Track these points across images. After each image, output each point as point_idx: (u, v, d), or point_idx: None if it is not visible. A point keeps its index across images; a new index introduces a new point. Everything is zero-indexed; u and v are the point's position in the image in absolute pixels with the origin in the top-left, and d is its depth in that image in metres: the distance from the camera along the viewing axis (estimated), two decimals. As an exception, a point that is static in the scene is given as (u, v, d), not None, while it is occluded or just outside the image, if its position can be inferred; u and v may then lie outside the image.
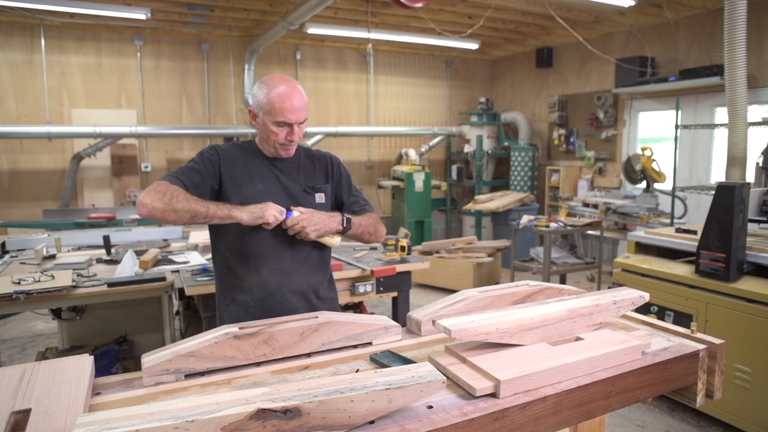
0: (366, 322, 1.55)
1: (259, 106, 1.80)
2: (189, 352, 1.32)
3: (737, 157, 3.57)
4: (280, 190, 1.89)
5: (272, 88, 1.78)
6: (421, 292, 6.07)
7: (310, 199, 1.93)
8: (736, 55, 3.48)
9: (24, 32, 6.18)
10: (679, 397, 1.52)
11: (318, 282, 1.98)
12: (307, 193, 1.94)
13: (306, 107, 1.83)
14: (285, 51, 7.58)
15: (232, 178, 1.85)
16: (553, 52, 8.04)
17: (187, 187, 1.71)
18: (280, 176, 1.92)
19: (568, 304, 1.50)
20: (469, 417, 1.13)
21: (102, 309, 3.61)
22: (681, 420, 3.19)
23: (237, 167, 1.87)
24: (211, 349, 1.34)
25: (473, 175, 8.26)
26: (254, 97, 1.82)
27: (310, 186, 1.95)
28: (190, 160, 1.85)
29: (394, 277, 3.01)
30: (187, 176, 1.76)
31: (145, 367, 1.29)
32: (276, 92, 1.77)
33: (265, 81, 1.81)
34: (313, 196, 1.95)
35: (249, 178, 1.87)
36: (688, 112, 6.31)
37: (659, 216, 5.48)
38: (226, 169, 1.85)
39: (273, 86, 1.78)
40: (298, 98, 1.79)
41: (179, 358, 1.31)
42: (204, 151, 1.87)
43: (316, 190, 1.96)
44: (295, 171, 1.95)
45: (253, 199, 1.80)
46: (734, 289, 2.87)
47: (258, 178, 1.88)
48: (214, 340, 1.34)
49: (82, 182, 6.59)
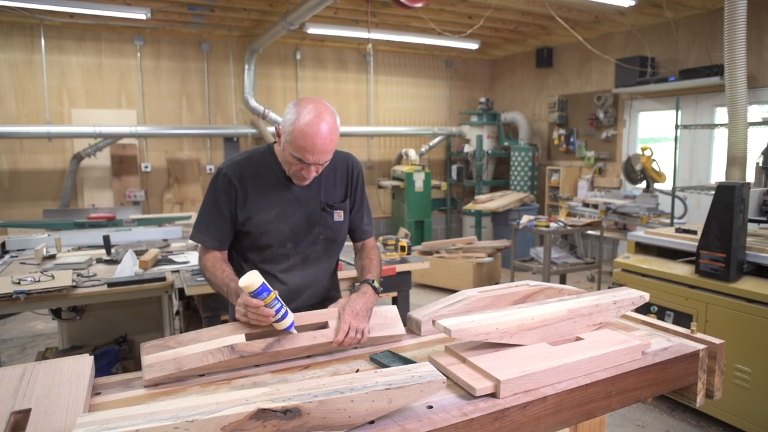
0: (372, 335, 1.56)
1: (283, 131, 1.62)
2: (191, 368, 1.33)
3: (737, 157, 3.57)
4: (296, 212, 1.77)
5: (300, 117, 1.57)
6: (421, 292, 6.07)
7: (328, 218, 1.82)
8: (736, 55, 3.47)
9: (24, 32, 6.18)
10: (679, 397, 1.52)
11: (328, 295, 1.94)
12: (326, 212, 1.81)
13: (331, 147, 1.62)
14: (285, 51, 7.58)
15: (246, 207, 1.73)
16: (553, 52, 8.04)
17: (222, 246, 1.76)
18: (299, 194, 1.77)
19: (568, 304, 1.50)
20: (469, 417, 1.13)
21: (102, 309, 3.61)
22: (681, 420, 3.19)
23: (248, 191, 1.73)
24: (213, 364, 1.36)
25: (473, 175, 8.26)
26: (283, 117, 1.63)
27: (329, 204, 1.81)
28: (208, 195, 1.74)
29: (394, 277, 3.01)
30: (215, 227, 1.73)
31: (145, 366, 1.31)
32: (302, 124, 1.56)
33: (298, 105, 1.60)
34: (331, 215, 1.82)
35: (264, 203, 1.74)
36: (688, 112, 6.31)
37: (659, 216, 5.48)
38: (241, 197, 1.72)
39: (302, 115, 1.57)
40: (323, 139, 1.57)
41: (180, 359, 1.33)
42: (218, 185, 1.72)
43: (335, 207, 1.83)
44: (315, 185, 1.79)
45: (268, 225, 1.73)
46: (734, 289, 2.87)
47: (274, 199, 1.74)
48: (219, 358, 1.35)
49: (82, 182, 6.58)
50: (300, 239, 1.80)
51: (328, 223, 1.82)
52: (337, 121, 1.64)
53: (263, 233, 1.74)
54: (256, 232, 1.74)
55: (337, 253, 1.94)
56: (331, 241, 1.86)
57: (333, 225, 1.83)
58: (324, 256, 1.87)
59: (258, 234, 1.74)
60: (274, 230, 1.74)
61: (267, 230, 1.74)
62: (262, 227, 1.73)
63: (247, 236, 1.76)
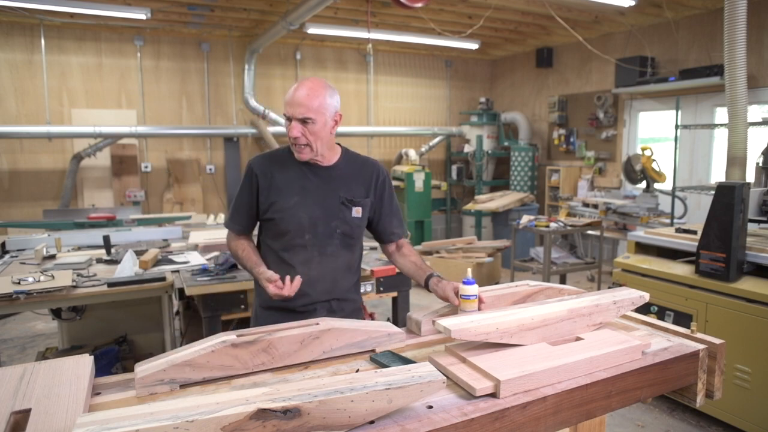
0: (369, 329, 1.51)
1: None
2: (184, 362, 1.28)
3: (737, 157, 3.57)
4: (315, 202, 1.85)
5: (296, 84, 1.78)
6: (421, 292, 6.06)
7: (346, 213, 1.88)
8: (736, 55, 3.48)
9: (24, 32, 6.18)
10: (679, 397, 1.52)
11: (346, 296, 1.96)
12: (345, 206, 1.87)
13: (310, 102, 1.73)
14: (285, 51, 7.58)
15: (265, 194, 1.85)
16: (553, 52, 8.04)
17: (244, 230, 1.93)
18: (320, 185, 1.86)
19: (568, 304, 1.50)
20: (469, 417, 1.13)
21: (102, 309, 3.61)
22: (681, 420, 3.19)
23: (271, 181, 1.85)
24: (207, 358, 1.30)
25: (473, 175, 8.26)
26: None
27: (348, 199, 1.88)
28: (243, 179, 1.90)
29: (394, 277, 3.01)
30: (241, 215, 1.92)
31: (138, 377, 1.25)
32: (293, 87, 1.76)
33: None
34: (350, 210, 1.88)
35: (285, 190, 1.84)
36: (688, 112, 6.31)
37: (659, 216, 5.48)
38: (262, 184, 1.85)
39: (298, 83, 1.78)
40: (302, 92, 1.73)
41: (174, 367, 1.27)
42: (244, 176, 1.91)
43: (354, 203, 1.89)
44: (336, 180, 1.88)
45: (288, 211, 1.82)
46: (734, 289, 2.86)
47: (296, 189, 1.84)
48: (210, 349, 1.30)
49: (82, 182, 6.59)
50: (317, 231, 1.85)
51: (346, 218, 1.87)
52: (328, 89, 1.78)
53: (282, 219, 1.83)
54: (277, 218, 1.84)
55: (354, 251, 1.96)
56: (348, 237, 1.90)
57: (350, 220, 1.88)
58: (341, 252, 1.90)
59: (279, 220, 1.84)
60: (293, 217, 1.83)
61: (285, 217, 1.83)
62: (281, 213, 1.83)
63: (269, 224, 1.87)
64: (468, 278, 1.60)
